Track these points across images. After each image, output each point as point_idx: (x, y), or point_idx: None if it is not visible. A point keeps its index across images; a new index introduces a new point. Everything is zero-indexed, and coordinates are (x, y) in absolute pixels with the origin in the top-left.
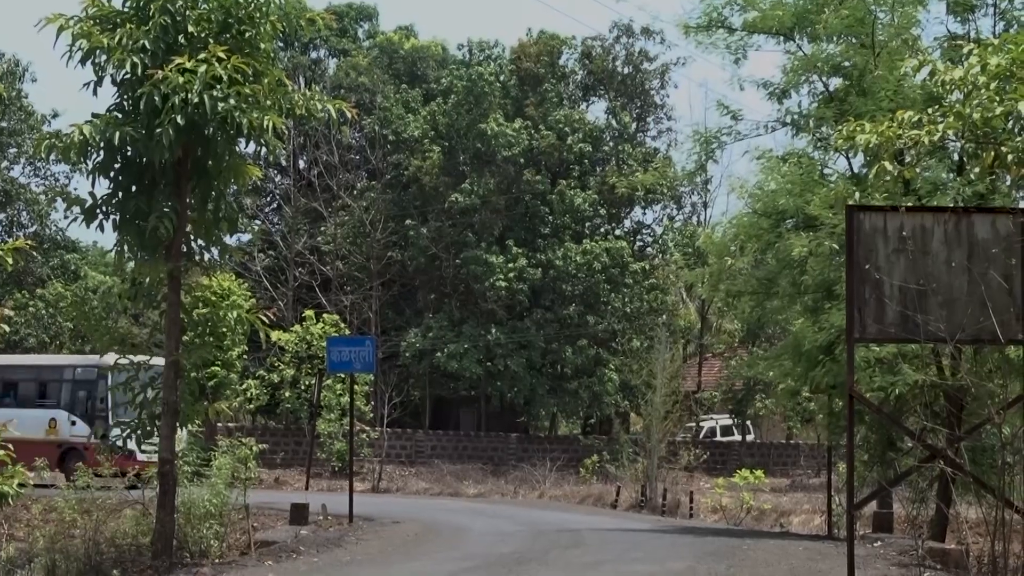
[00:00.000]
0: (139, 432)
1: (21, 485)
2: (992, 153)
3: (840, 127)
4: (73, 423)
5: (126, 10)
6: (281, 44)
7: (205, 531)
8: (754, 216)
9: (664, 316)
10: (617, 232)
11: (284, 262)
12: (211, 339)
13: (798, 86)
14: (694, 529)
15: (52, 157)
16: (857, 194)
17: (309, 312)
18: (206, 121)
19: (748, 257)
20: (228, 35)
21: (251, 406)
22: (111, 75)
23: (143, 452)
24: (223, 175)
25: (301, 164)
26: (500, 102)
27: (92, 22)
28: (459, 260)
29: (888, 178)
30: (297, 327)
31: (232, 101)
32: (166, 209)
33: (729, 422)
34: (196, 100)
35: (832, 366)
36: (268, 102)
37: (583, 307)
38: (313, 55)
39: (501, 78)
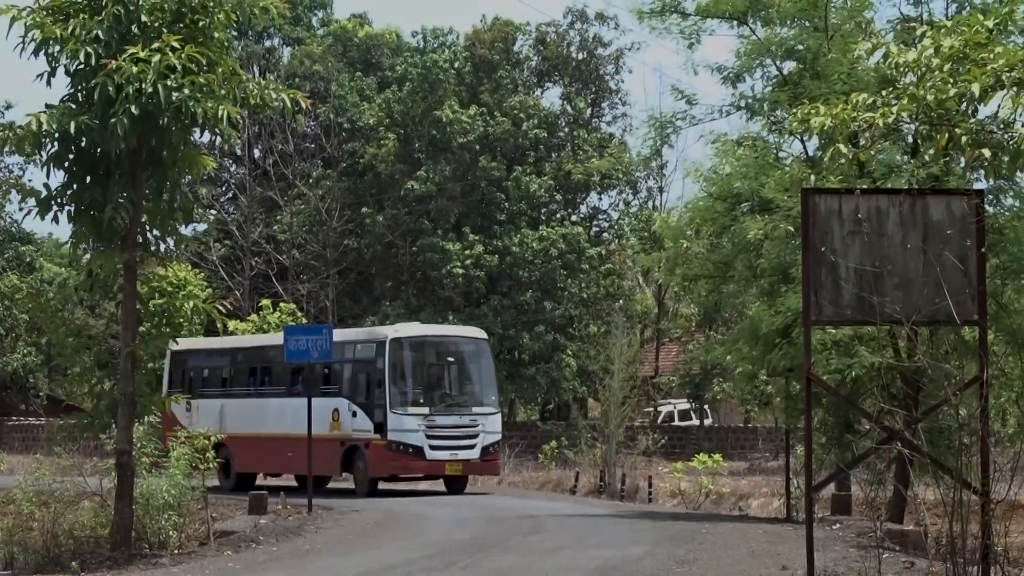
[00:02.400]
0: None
1: None
2: (946, 135)
3: (795, 110)
4: (354, 414)
5: (79, 0)
6: (235, 33)
7: (164, 522)
8: (709, 200)
9: (621, 301)
10: (573, 218)
11: (240, 251)
12: (168, 329)
13: (752, 70)
14: (653, 514)
15: (6, 149)
16: (812, 177)
17: (266, 301)
18: (160, 111)
19: (704, 241)
20: (182, 24)
21: None
22: (64, 66)
23: (433, 450)
24: (178, 165)
25: (256, 153)
26: (455, 89)
27: (45, 13)
28: (415, 248)
29: (843, 161)
30: (254, 316)
31: (186, 91)
32: (121, 200)
33: (687, 406)
34: (150, 90)
35: (789, 349)
36: (222, 91)
37: (540, 293)
38: (267, 44)
39: (456, 65)
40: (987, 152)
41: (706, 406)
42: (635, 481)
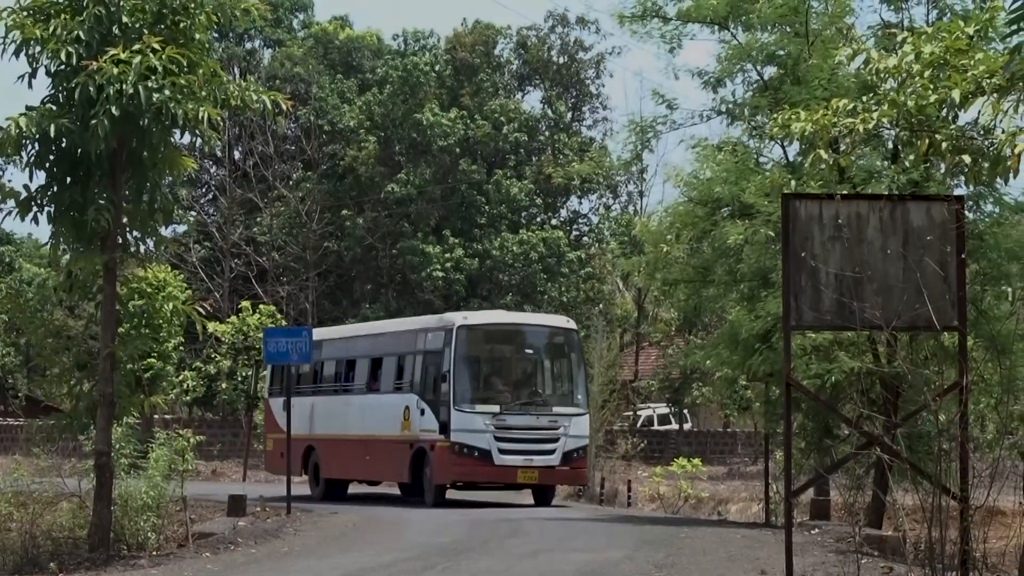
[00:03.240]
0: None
1: None
2: (927, 141)
3: (775, 115)
4: (422, 412)
5: (60, 1)
6: (216, 35)
7: (142, 523)
8: (690, 204)
9: (600, 305)
10: (553, 222)
11: (220, 253)
12: (147, 331)
13: (733, 75)
14: (632, 518)
15: None
16: (793, 182)
17: (245, 303)
18: (141, 112)
19: (684, 245)
20: (162, 26)
21: (188, 398)
22: (45, 66)
23: (503, 454)
24: (158, 166)
25: (236, 155)
26: (435, 92)
27: (26, 13)
28: (395, 250)
29: (823, 166)
30: (233, 318)
31: (167, 92)
32: (102, 201)
33: (666, 411)
34: (131, 91)
35: (769, 354)
36: (203, 93)
37: (520, 297)
38: (248, 45)
39: (436, 68)
40: (967, 158)
41: (685, 410)
42: (614, 485)
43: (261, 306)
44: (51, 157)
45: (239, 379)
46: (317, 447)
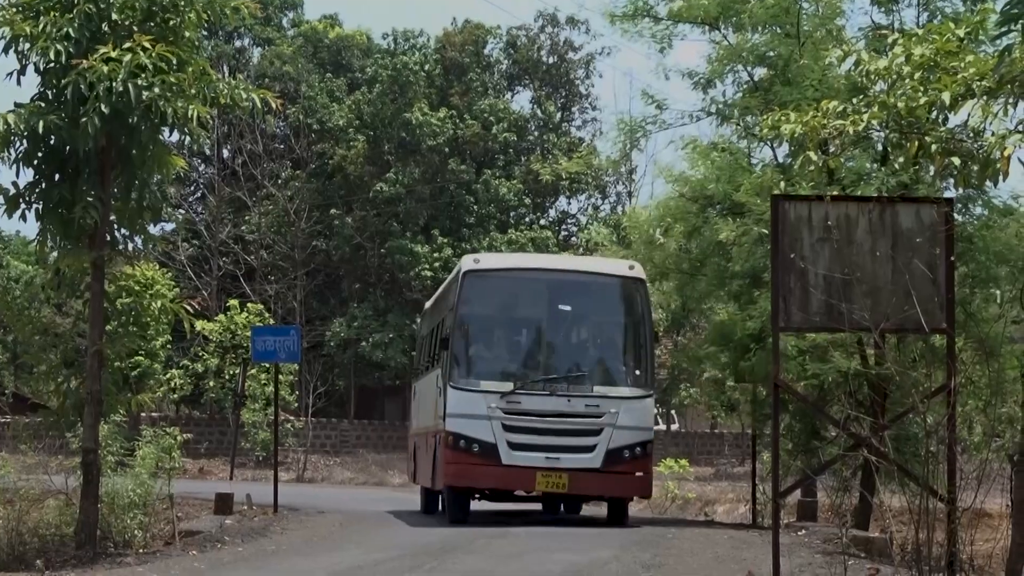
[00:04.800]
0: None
1: None
2: (916, 143)
3: (765, 116)
4: (439, 391)
5: None
6: (205, 33)
7: (129, 521)
8: (681, 200)
9: None
10: (542, 222)
11: (208, 251)
12: (135, 329)
13: (723, 76)
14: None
15: None
16: (783, 183)
17: (233, 301)
18: (130, 110)
19: (674, 240)
20: (152, 23)
21: (175, 396)
22: (34, 63)
23: (515, 450)
24: (147, 164)
25: (225, 153)
26: (425, 91)
27: (15, 10)
28: (384, 249)
29: (812, 168)
30: (221, 316)
31: (156, 90)
32: (90, 198)
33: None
34: (120, 89)
35: (762, 355)
36: (192, 91)
37: None
38: (237, 44)
39: (426, 67)
40: (957, 161)
41: (673, 411)
42: None
43: (249, 304)
44: (39, 154)
45: (226, 377)
46: (413, 442)
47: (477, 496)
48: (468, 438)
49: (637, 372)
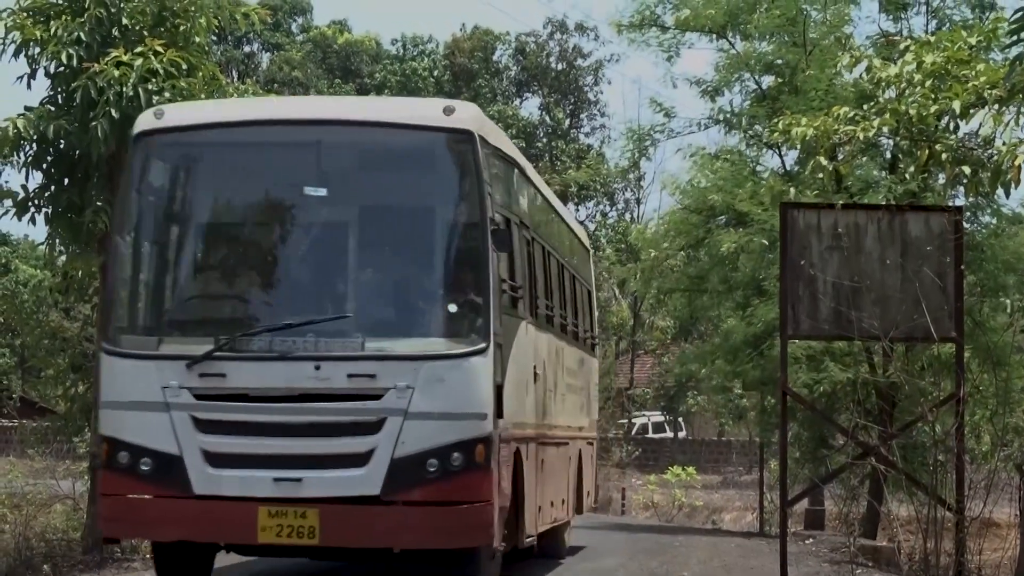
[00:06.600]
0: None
1: None
2: (927, 151)
3: (776, 120)
4: None
5: (60, 2)
6: (214, 38)
7: None
8: (685, 212)
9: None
10: None
11: None
12: None
13: (731, 84)
14: (626, 526)
15: None
16: (792, 190)
17: None
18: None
19: (679, 253)
20: (162, 28)
21: None
22: (45, 68)
23: (215, 467)
24: None
25: None
26: (434, 97)
27: (25, 14)
28: None
29: (822, 175)
30: None
31: (167, 95)
32: (99, 203)
33: (661, 419)
34: (131, 93)
35: (761, 361)
36: (202, 96)
37: None
38: (246, 49)
39: (435, 73)
40: (967, 169)
41: (680, 419)
42: (608, 493)
43: None
44: (49, 158)
45: None
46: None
47: (226, 549)
48: (131, 447)
49: (454, 308)
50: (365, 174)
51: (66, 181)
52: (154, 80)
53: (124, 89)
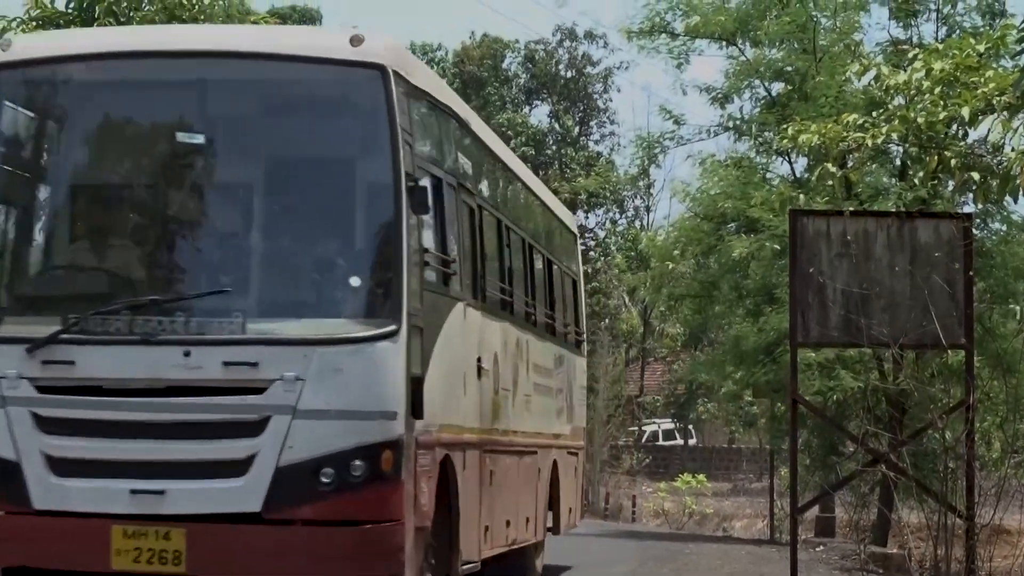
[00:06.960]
0: None
1: None
2: (936, 158)
3: (785, 127)
4: None
5: (70, 11)
6: None
7: None
8: (695, 219)
9: (607, 320)
10: None
11: None
12: None
13: (740, 91)
14: (637, 533)
15: None
16: (803, 197)
17: None
18: None
19: (690, 260)
20: None
21: None
22: None
23: (60, 476)
24: None
25: None
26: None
27: (35, 24)
28: None
29: (831, 182)
30: None
31: None
32: None
33: (671, 426)
34: None
35: (772, 367)
36: None
37: None
38: None
39: (444, 81)
40: (976, 176)
41: (690, 426)
42: (619, 500)
43: None
44: None
45: None
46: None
47: None
48: None
49: (356, 283)
50: (252, 119)
51: None
52: None
53: None
